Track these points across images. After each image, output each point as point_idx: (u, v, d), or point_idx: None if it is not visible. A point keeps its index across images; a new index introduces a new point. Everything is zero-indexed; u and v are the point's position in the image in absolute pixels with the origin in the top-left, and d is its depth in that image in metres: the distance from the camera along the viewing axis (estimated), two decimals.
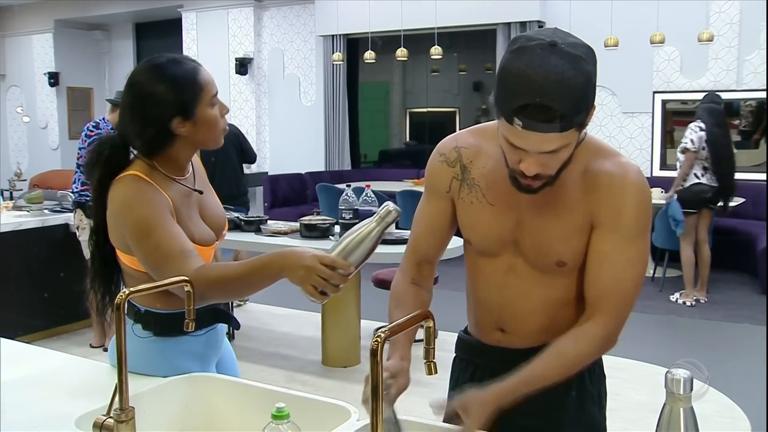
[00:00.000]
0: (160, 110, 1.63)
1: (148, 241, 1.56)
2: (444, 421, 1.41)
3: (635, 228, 1.35)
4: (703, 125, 5.81)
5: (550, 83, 1.16)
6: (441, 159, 1.52)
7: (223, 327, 1.87)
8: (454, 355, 1.66)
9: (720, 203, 5.93)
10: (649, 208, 1.38)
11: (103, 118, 4.78)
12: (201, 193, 1.78)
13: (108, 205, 1.64)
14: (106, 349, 4.57)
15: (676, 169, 6.10)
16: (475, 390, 1.37)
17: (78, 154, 4.79)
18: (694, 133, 5.81)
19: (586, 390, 1.51)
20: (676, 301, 6.11)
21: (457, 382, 1.62)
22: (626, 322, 1.40)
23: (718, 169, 5.82)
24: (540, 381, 1.37)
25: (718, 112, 5.94)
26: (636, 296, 1.40)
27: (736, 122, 7.67)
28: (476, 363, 1.58)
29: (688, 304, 6.02)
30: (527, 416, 1.44)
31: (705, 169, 5.84)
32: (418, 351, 1.13)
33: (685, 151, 5.84)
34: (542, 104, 1.17)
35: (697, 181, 5.85)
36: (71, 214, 5.19)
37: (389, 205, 1.52)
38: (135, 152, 1.70)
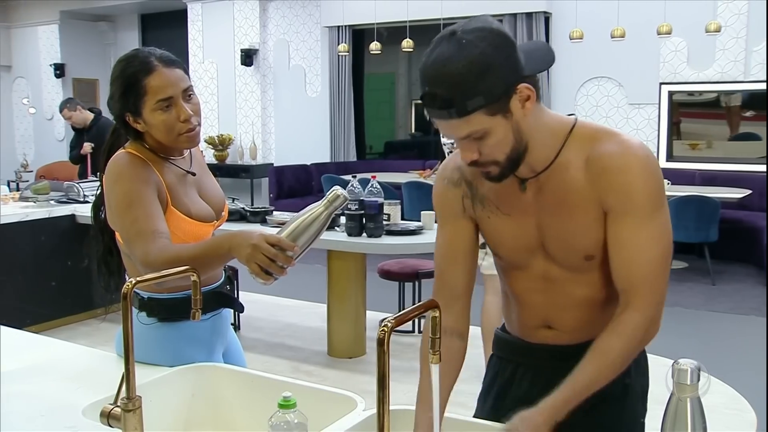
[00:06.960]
0: (113, 105, 1.71)
1: (128, 215, 1.62)
2: None
3: (648, 205, 1.28)
4: None
5: (430, 71, 1.20)
6: (445, 183, 1.47)
7: (228, 313, 1.90)
8: (491, 353, 1.63)
9: None
10: (658, 180, 1.30)
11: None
12: (194, 174, 1.82)
13: (104, 183, 1.72)
14: None
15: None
16: (524, 412, 1.27)
17: None
18: None
19: (630, 385, 1.46)
20: None
21: (494, 380, 1.59)
22: (665, 301, 1.33)
23: None
24: (591, 386, 1.29)
25: None
26: (667, 271, 1.32)
27: (746, 114, 7.63)
28: (518, 362, 1.54)
29: None
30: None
31: None
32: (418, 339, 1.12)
33: None
34: (429, 92, 1.21)
35: None
36: (77, 205, 5.21)
37: (337, 189, 1.55)
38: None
